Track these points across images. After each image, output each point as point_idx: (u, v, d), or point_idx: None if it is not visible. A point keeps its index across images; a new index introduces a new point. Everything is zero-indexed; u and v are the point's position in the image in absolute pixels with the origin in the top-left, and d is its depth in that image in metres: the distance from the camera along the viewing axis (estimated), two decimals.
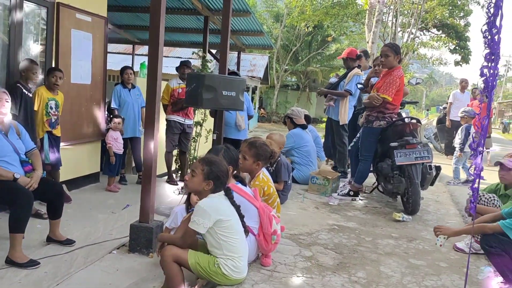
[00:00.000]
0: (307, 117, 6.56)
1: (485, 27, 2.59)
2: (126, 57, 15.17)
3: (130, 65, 8.90)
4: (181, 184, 6.18)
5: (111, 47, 14.67)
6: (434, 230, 3.16)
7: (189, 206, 3.39)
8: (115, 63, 13.78)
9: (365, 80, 5.96)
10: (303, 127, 6.27)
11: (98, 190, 5.79)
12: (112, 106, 6.16)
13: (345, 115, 6.36)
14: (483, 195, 3.75)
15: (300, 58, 30.19)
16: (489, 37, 2.56)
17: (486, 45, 2.52)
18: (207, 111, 6.48)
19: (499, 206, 3.63)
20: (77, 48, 5.44)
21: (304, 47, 30.23)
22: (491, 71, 2.59)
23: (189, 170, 4.94)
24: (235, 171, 3.39)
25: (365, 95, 5.93)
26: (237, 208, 2.84)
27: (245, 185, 3.21)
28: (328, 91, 6.58)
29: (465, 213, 4.67)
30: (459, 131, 7.44)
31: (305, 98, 30.51)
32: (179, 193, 5.72)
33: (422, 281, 3.16)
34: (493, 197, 3.75)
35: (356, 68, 6.39)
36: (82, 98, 5.65)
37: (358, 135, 5.66)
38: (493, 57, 2.58)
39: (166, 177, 6.52)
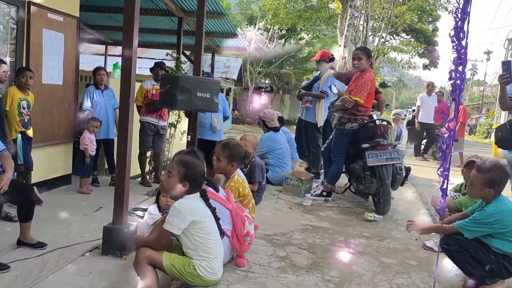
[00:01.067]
0: (280, 119, 6.63)
1: (453, 32, 2.70)
2: (98, 57, 14.91)
3: (103, 66, 8.77)
4: (155, 185, 6.14)
5: (84, 47, 14.43)
6: (407, 225, 3.26)
7: (159, 207, 3.40)
8: (87, 63, 13.52)
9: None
10: (276, 129, 6.33)
11: (70, 192, 5.69)
12: (84, 107, 6.07)
13: (321, 116, 6.48)
14: (449, 194, 3.89)
15: (273, 60, 30.35)
16: (456, 42, 2.67)
17: (454, 50, 2.63)
18: (182, 112, 6.47)
19: None
20: (49, 48, 5.34)
21: (277, 50, 30.40)
22: (459, 75, 2.70)
23: (163, 172, 4.90)
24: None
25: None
26: (213, 210, 2.85)
27: (217, 189, 3.23)
28: (306, 92, 6.71)
29: (435, 213, 4.82)
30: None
31: (279, 100, 30.66)
32: (153, 195, 5.68)
33: (393, 279, 3.25)
34: (458, 196, 3.92)
35: (329, 69, 6.53)
36: (53, 99, 5.55)
37: (330, 136, 5.76)
38: (460, 61, 2.69)
39: (140, 178, 6.47)
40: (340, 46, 12.58)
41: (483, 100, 43.73)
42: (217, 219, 2.87)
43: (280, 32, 24.33)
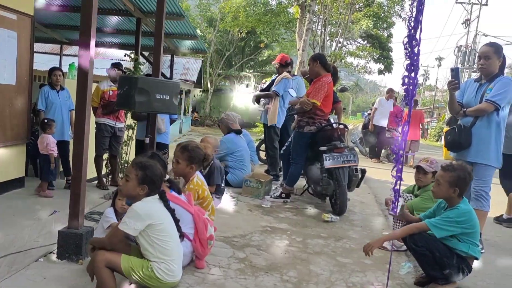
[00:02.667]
0: (240, 122, 6.67)
1: (406, 39, 2.83)
2: (53, 57, 14.46)
3: (58, 66, 8.52)
4: (111, 188, 6.03)
5: (38, 46, 13.92)
6: (365, 249, 3.12)
7: (115, 211, 3.36)
8: (42, 63, 13.09)
9: None
10: (238, 132, 6.36)
11: (23, 195, 5.49)
12: (38, 108, 5.87)
13: (273, 116, 6.60)
14: (402, 195, 4.04)
15: (233, 63, 30.43)
16: (409, 49, 2.80)
17: (407, 56, 2.75)
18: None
19: None
20: (1, 47, 5.14)
21: (237, 52, 30.52)
22: (412, 81, 2.83)
23: (120, 174, 4.82)
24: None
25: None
26: (172, 211, 2.84)
27: (179, 192, 3.22)
28: (260, 94, 6.83)
29: (389, 215, 5.01)
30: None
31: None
32: (110, 198, 5.57)
33: (349, 278, 3.34)
34: (410, 197, 4.09)
35: (285, 72, 6.69)
36: (6, 99, 5.33)
37: (290, 139, 5.85)
38: (413, 67, 2.82)
39: (96, 181, 6.32)
40: (299, 50, 12.78)
41: (435, 105, 45.57)
42: (176, 220, 2.86)
43: (240, 35, 24.41)
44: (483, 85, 4.13)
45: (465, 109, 4.18)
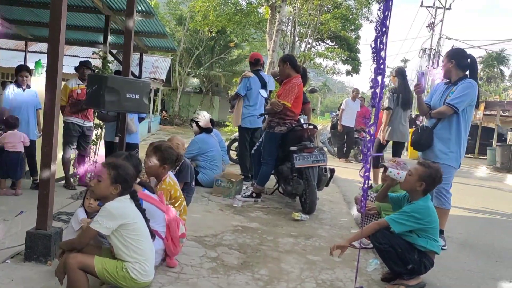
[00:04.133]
0: (211, 121, 6.68)
1: (373, 44, 2.92)
2: (17, 53, 14.04)
3: (24, 64, 8.27)
4: (79, 188, 5.93)
5: (1, 42, 13.49)
6: (332, 251, 3.20)
7: (86, 211, 3.33)
8: (5, 59, 12.70)
9: None
10: (208, 131, 6.38)
11: None
12: (2, 106, 5.72)
13: (236, 117, 6.70)
14: (370, 194, 4.17)
15: (203, 62, 30.31)
16: (376, 53, 2.89)
17: (374, 60, 2.84)
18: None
19: None
20: None
21: (207, 51, 30.41)
22: (379, 84, 2.92)
23: (89, 174, 4.73)
24: (139, 178, 3.38)
25: None
26: (143, 212, 2.84)
27: (152, 191, 3.22)
28: (229, 98, 6.95)
29: (356, 212, 5.14)
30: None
31: (208, 102, 30.65)
32: (78, 198, 5.48)
33: (319, 275, 3.42)
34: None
35: (246, 71, 6.82)
36: None
37: (260, 139, 5.91)
38: (380, 71, 2.91)
39: (64, 181, 6.20)
40: (269, 50, 12.87)
41: None
42: (147, 220, 2.86)
43: (209, 34, 24.34)
44: (449, 88, 4.31)
45: (431, 111, 4.36)
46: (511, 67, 59.76)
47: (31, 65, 9.40)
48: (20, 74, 5.87)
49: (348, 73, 25.76)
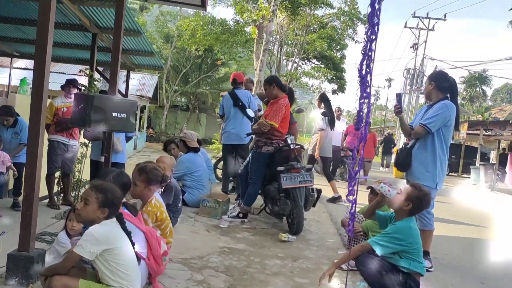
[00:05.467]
0: (197, 140, 6.66)
1: (359, 67, 2.96)
2: (2, 69, 13.94)
3: (9, 79, 8.17)
4: (63, 208, 5.82)
5: None
6: (321, 279, 3.21)
7: (68, 233, 3.27)
8: None
9: None
10: (196, 150, 6.35)
11: None
12: None
13: (219, 136, 7.02)
14: (357, 216, 4.17)
15: (190, 79, 30.36)
16: (362, 77, 2.93)
17: (359, 84, 2.88)
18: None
19: None
20: None
21: (194, 69, 30.50)
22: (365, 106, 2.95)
23: (73, 193, 4.64)
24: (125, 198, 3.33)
25: None
26: (128, 234, 2.80)
27: (134, 212, 3.16)
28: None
29: (344, 233, 5.14)
30: None
31: (195, 119, 30.61)
32: (61, 218, 5.38)
33: None
34: (364, 218, 4.22)
35: (222, 92, 7.08)
36: None
37: (248, 159, 5.90)
38: (365, 94, 2.94)
39: (47, 200, 6.08)
40: (256, 70, 12.96)
41: (385, 124, 47.23)
42: (132, 244, 2.81)
43: (197, 53, 24.48)
44: (428, 109, 4.39)
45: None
46: (493, 87, 61.18)
47: (16, 82, 9.29)
48: (0, 118, 5.82)
49: (334, 92, 26.02)
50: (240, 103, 6.81)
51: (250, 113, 6.70)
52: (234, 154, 7.00)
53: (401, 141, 23.93)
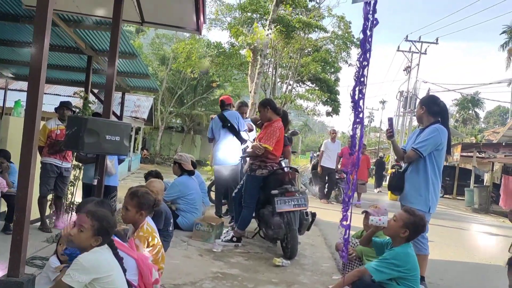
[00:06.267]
0: (192, 163, 6.64)
1: (354, 92, 2.98)
2: None
3: (3, 101, 8.15)
4: (55, 231, 5.75)
5: None
6: None
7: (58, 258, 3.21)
8: None
9: None
10: (191, 173, 6.32)
11: None
12: None
13: (210, 159, 7.09)
14: (351, 241, 4.13)
15: (185, 101, 30.49)
16: (355, 102, 2.95)
17: (353, 110, 2.90)
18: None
19: None
20: None
21: (189, 91, 30.68)
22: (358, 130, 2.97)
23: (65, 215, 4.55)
24: None
25: None
26: (120, 260, 2.75)
27: (123, 239, 3.12)
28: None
29: (339, 258, 5.08)
30: None
31: (190, 141, 30.61)
32: (53, 242, 5.30)
33: None
34: (359, 243, 4.18)
35: (212, 115, 7.41)
36: None
37: (241, 182, 5.87)
38: (359, 119, 2.96)
39: (39, 223, 6.00)
40: (250, 92, 13.05)
41: (379, 146, 47.41)
42: (124, 270, 2.76)
43: (192, 75, 24.67)
44: (420, 133, 4.42)
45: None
46: (486, 109, 61.88)
47: (10, 103, 9.26)
48: None
49: (328, 114, 26.23)
50: (229, 124, 6.83)
51: (245, 136, 6.72)
52: (225, 176, 6.97)
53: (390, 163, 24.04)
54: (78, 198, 6.40)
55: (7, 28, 7.08)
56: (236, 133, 6.83)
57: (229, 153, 6.80)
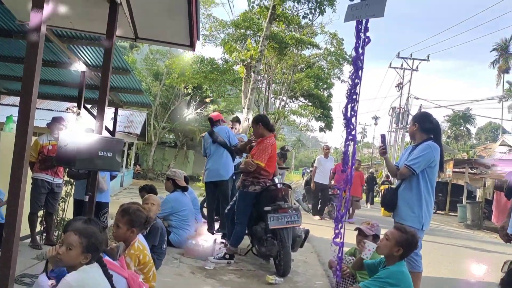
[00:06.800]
0: (185, 179, 6.60)
1: (346, 110, 3.00)
2: None
3: None
4: (45, 247, 5.66)
5: None
6: None
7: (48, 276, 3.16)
8: None
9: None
10: (184, 189, 6.29)
11: None
12: None
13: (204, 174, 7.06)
14: (344, 258, 4.10)
15: (178, 116, 30.47)
16: (347, 120, 2.97)
17: (345, 127, 2.92)
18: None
19: None
20: None
21: (183, 106, 30.70)
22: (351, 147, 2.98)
23: (56, 233, 4.48)
24: None
25: None
26: (109, 278, 2.71)
27: (113, 257, 3.08)
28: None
29: (332, 276, 5.04)
30: None
31: (183, 156, 30.53)
32: (43, 259, 5.22)
33: None
34: (352, 259, 4.15)
35: (203, 133, 7.49)
36: None
37: (234, 198, 5.85)
38: (351, 137, 2.98)
39: (29, 240, 5.92)
40: (244, 108, 13.10)
41: (372, 161, 47.57)
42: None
43: (186, 91, 24.72)
44: (413, 150, 4.43)
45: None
46: (477, 125, 62.48)
47: (2, 118, 9.21)
48: None
49: (321, 129, 26.31)
50: (219, 139, 6.85)
51: (234, 140, 6.82)
52: (216, 192, 6.94)
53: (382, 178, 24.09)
54: (69, 214, 6.33)
55: (0, 43, 7.07)
56: (228, 147, 6.84)
57: (220, 168, 6.79)
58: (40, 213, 6.11)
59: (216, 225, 7.30)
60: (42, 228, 6.18)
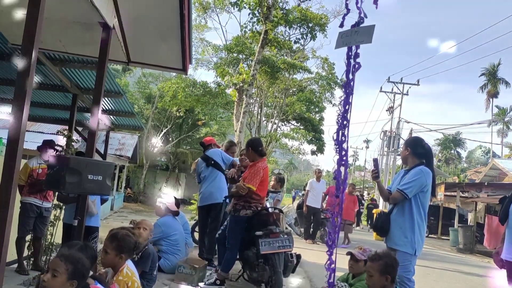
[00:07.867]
0: (176, 202, 6.55)
1: (336, 136, 3.01)
2: None
3: None
4: (32, 273, 5.54)
5: None
6: None
7: None
8: None
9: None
10: (175, 213, 6.23)
11: None
12: None
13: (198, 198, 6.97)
14: (337, 284, 4.06)
15: (170, 139, 30.45)
16: (339, 145, 2.98)
17: (336, 152, 2.92)
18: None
19: None
20: None
21: (174, 129, 30.73)
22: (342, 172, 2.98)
23: (44, 257, 4.42)
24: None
25: None
26: None
27: (104, 284, 3.02)
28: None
29: None
30: None
31: (174, 179, 30.36)
32: (30, 285, 5.10)
33: None
34: (345, 285, 4.11)
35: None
36: None
37: (225, 223, 5.79)
38: (343, 162, 2.98)
39: (16, 265, 5.78)
40: (236, 131, 13.13)
41: (364, 185, 47.62)
42: None
43: (178, 114, 24.77)
44: (405, 174, 4.43)
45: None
46: (467, 149, 63.07)
47: None
48: None
49: (313, 152, 26.40)
50: (213, 162, 6.80)
51: (229, 159, 6.80)
52: (207, 216, 6.84)
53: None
54: (58, 239, 6.22)
55: None
56: (222, 170, 6.79)
57: (215, 190, 6.71)
58: (28, 237, 5.99)
59: None
60: (29, 253, 6.05)
